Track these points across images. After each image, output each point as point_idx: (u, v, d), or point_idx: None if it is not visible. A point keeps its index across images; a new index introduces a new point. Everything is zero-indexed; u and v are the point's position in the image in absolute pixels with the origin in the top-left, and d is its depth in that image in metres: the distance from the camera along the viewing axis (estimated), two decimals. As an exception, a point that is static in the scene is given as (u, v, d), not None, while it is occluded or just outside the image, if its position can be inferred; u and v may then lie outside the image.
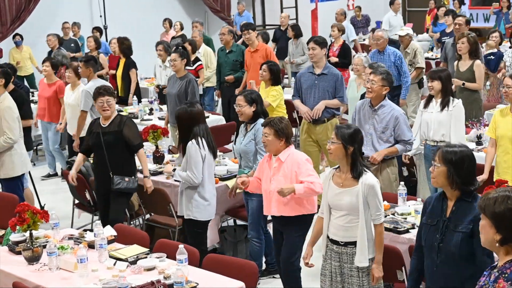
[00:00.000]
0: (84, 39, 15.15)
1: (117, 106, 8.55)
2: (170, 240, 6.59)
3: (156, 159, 8.45)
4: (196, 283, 5.28)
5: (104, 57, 13.76)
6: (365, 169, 5.36)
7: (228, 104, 12.05)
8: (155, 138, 8.50)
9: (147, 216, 8.08)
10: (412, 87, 11.33)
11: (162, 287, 5.18)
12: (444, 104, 7.54)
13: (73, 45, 15.50)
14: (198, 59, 12.12)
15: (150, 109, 11.31)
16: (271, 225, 7.12)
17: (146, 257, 5.80)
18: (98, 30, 15.98)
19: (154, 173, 8.10)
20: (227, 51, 12.06)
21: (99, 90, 7.40)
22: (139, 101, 11.65)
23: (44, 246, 5.85)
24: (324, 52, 8.75)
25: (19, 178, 8.25)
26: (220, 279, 5.43)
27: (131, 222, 7.85)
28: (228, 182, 7.62)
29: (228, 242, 7.68)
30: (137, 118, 10.85)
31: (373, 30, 12.95)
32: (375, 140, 7.17)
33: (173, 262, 5.62)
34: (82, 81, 10.16)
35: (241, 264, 5.73)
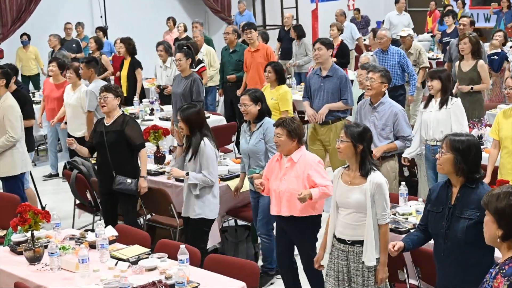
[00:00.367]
0: (88, 39, 15.16)
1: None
2: (171, 240, 6.59)
3: (157, 160, 8.45)
4: (197, 283, 5.28)
5: (106, 58, 13.77)
6: (373, 167, 5.37)
7: (230, 103, 12.06)
8: (156, 138, 8.50)
9: (148, 216, 8.08)
10: (418, 88, 11.36)
11: (163, 287, 5.19)
12: (443, 102, 7.55)
13: (74, 45, 15.52)
14: (201, 61, 12.11)
15: (151, 110, 11.31)
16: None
17: (147, 257, 5.80)
18: (101, 30, 15.99)
19: (155, 174, 8.11)
20: (230, 50, 12.05)
21: (101, 88, 7.48)
22: (140, 101, 11.65)
23: (46, 247, 5.86)
24: (330, 53, 8.73)
25: (19, 177, 8.25)
26: (221, 279, 5.43)
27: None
28: (229, 182, 7.61)
29: (229, 242, 7.67)
30: (138, 118, 10.85)
31: (373, 30, 12.95)
32: (375, 137, 7.17)
33: (174, 262, 5.62)
34: (83, 82, 10.17)
35: (242, 264, 5.73)
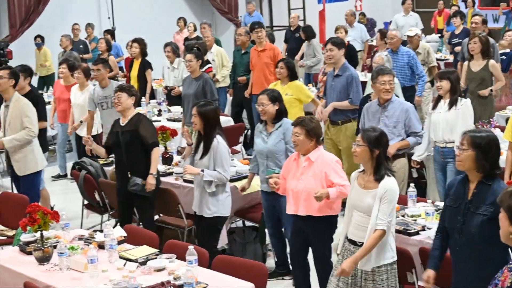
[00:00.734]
0: (98, 40, 15.19)
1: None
2: (180, 241, 6.61)
3: (165, 160, 8.46)
4: (205, 284, 5.29)
5: (114, 59, 13.80)
6: (388, 173, 5.36)
7: (239, 104, 12.07)
8: (164, 139, 8.51)
9: (156, 217, 8.08)
10: (427, 86, 11.37)
11: (172, 287, 5.20)
12: (452, 103, 7.51)
13: (82, 46, 15.57)
14: (208, 62, 12.12)
15: (159, 111, 11.33)
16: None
17: (156, 258, 5.80)
18: (109, 33, 16.02)
19: (163, 174, 8.11)
20: (242, 51, 12.05)
21: (115, 87, 7.51)
22: (148, 102, 11.67)
23: (55, 247, 5.88)
24: (342, 52, 8.74)
25: (39, 174, 8.31)
26: (229, 280, 5.43)
27: (140, 223, 7.85)
28: (237, 183, 7.60)
29: (237, 243, 7.67)
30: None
31: (380, 31, 12.93)
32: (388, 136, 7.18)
33: (182, 263, 5.62)
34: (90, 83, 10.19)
35: (250, 265, 5.73)
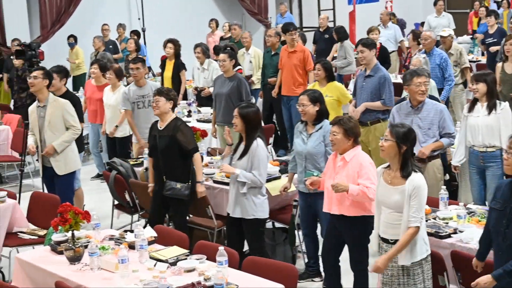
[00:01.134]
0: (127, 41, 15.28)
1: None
2: (210, 242, 6.60)
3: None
4: (236, 285, 5.28)
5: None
6: (415, 169, 5.33)
7: (270, 106, 12.06)
8: (194, 140, 8.51)
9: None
10: (460, 88, 11.29)
11: (202, 288, 5.21)
12: (491, 107, 7.37)
13: (111, 46, 15.66)
14: (238, 64, 12.11)
15: (189, 111, 11.35)
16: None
17: (186, 259, 5.81)
18: (136, 34, 16.10)
19: (193, 175, 8.13)
20: (272, 53, 12.03)
21: (154, 91, 7.56)
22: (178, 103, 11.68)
23: (86, 246, 5.92)
24: (374, 53, 8.71)
25: (76, 174, 8.41)
26: (259, 281, 5.42)
27: (170, 223, 7.87)
28: (268, 185, 7.49)
29: (267, 244, 7.65)
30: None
31: (413, 32, 12.85)
32: (421, 138, 7.16)
33: (212, 264, 5.62)
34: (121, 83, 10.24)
35: (280, 267, 5.72)
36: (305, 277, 7.29)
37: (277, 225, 7.99)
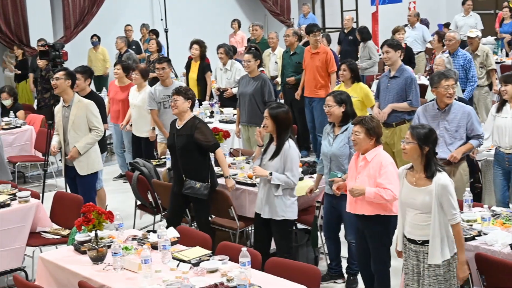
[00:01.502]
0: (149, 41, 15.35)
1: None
2: (232, 243, 6.60)
3: (218, 162, 8.45)
4: (259, 286, 5.27)
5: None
6: (439, 168, 5.31)
7: (290, 106, 12.01)
8: (216, 140, 8.52)
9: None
10: (485, 90, 11.24)
11: (225, 289, 5.20)
12: None
13: (134, 47, 15.73)
14: (261, 65, 12.12)
15: (211, 112, 11.36)
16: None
17: (208, 259, 5.81)
18: (154, 33, 16.14)
19: (216, 176, 8.11)
20: (291, 53, 12.01)
21: (172, 90, 7.57)
22: (200, 104, 11.71)
23: (109, 246, 5.93)
24: (399, 54, 8.66)
25: (97, 174, 8.43)
26: (282, 282, 5.40)
27: (192, 224, 7.88)
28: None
29: (293, 250, 7.63)
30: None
31: (438, 33, 12.77)
32: (448, 140, 7.14)
33: (235, 265, 5.62)
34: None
35: (303, 268, 5.69)
36: (327, 279, 7.28)
37: (300, 226, 7.97)
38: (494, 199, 7.68)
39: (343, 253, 7.34)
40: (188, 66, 12.42)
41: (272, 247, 7.08)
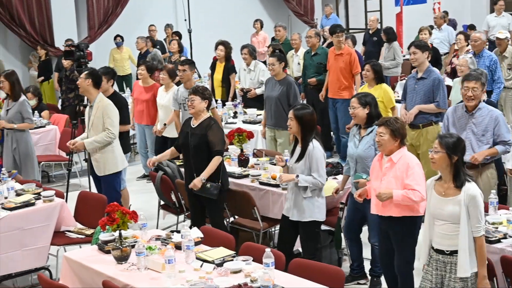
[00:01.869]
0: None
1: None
2: (256, 244, 6.59)
3: (241, 163, 8.47)
4: (282, 287, 5.25)
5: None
6: (468, 178, 5.25)
7: (312, 106, 11.96)
8: (240, 141, 8.53)
9: (231, 219, 8.10)
10: None
11: (248, 290, 5.19)
12: None
13: (159, 47, 15.77)
14: (286, 67, 12.10)
15: (235, 112, 11.36)
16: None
17: (232, 260, 5.81)
18: (177, 35, 16.19)
19: (239, 177, 8.12)
20: (312, 53, 11.99)
21: (189, 90, 7.59)
22: (224, 105, 11.72)
23: (133, 246, 5.94)
24: (426, 55, 8.61)
25: (119, 175, 8.38)
26: (306, 283, 5.39)
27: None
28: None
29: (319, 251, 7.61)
30: (221, 121, 10.93)
31: (463, 33, 12.69)
32: (475, 144, 7.06)
33: (259, 266, 5.61)
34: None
35: (326, 269, 5.67)
36: (350, 280, 7.25)
37: (323, 227, 7.94)
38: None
39: (366, 254, 7.31)
40: (213, 67, 12.43)
41: (295, 247, 7.08)
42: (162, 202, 8.77)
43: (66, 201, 8.14)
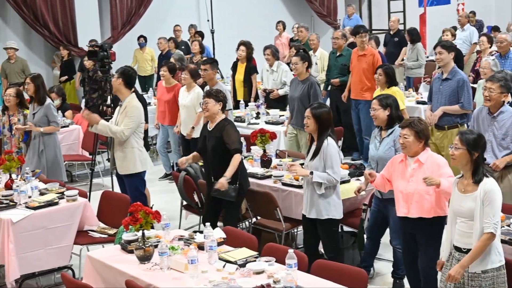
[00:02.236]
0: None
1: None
2: (279, 244, 6.57)
3: (264, 163, 8.45)
4: (305, 288, 5.25)
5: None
6: (487, 174, 5.21)
7: (336, 107, 11.98)
8: (263, 142, 8.51)
9: (254, 219, 8.09)
10: None
11: (271, 291, 5.17)
12: None
13: (183, 47, 15.81)
14: (309, 67, 12.06)
15: (257, 113, 11.35)
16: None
17: (255, 261, 5.79)
18: (200, 35, 16.22)
19: (262, 177, 8.11)
20: (337, 54, 11.97)
21: (204, 93, 7.61)
22: (246, 105, 11.71)
23: (156, 246, 5.94)
24: (452, 56, 8.56)
25: (141, 176, 8.32)
26: (329, 285, 5.36)
27: (238, 225, 7.88)
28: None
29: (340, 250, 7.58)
30: (244, 121, 10.94)
31: (486, 35, 12.60)
32: (495, 146, 7.02)
33: (281, 267, 5.59)
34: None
35: (349, 271, 5.64)
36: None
37: (346, 228, 7.92)
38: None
39: (388, 256, 7.27)
40: (234, 68, 12.44)
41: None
42: (184, 202, 8.77)
43: (89, 200, 8.17)
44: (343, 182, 7.62)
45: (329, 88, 12.34)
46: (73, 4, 15.61)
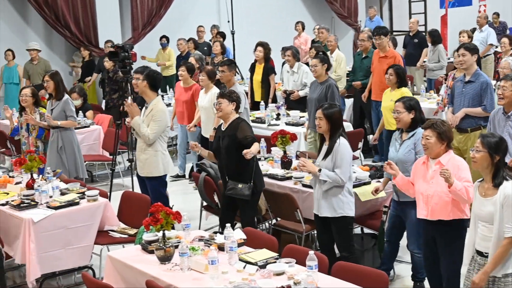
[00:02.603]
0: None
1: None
2: (299, 246, 6.56)
3: (284, 165, 8.44)
4: (325, 290, 5.23)
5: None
6: (507, 177, 5.17)
7: (359, 109, 11.93)
8: (283, 143, 8.50)
9: (274, 221, 8.08)
10: None
11: (292, 292, 5.16)
12: None
13: (206, 48, 15.85)
14: (329, 69, 12.03)
15: (277, 114, 11.34)
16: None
17: (275, 262, 5.78)
18: (221, 36, 16.23)
19: (282, 178, 8.09)
20: (363, 56, 11.94)
21: (217, 94, 7.61)
22: (266, 106, 11.70)
23: (176, 247, 5.94)
24: (475, 58, 8.51)
25: (163, 179, 8.29)
26: (349, 287, 5.34)
27: (258, 226, 7.87)
28: (357, 190, 7.39)
29: (356, 250, 7.57)
30: (264, 122, 10.93)
31: (508, 37, 12.53)
32: (510, 146, 6.94)
33: (302, 268, 5.58)
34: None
35: (370, 273, 5.61)
36: None
37: (366, 231, 7.90)
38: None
39: (408, 259, 7.24)
40: (252, 68, 12.44)
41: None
42: (204, 203, 8.78)
43: (110, 200, 8.19)
44: (364, 183, 7.61)
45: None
46: (94, 4, 15.69)
